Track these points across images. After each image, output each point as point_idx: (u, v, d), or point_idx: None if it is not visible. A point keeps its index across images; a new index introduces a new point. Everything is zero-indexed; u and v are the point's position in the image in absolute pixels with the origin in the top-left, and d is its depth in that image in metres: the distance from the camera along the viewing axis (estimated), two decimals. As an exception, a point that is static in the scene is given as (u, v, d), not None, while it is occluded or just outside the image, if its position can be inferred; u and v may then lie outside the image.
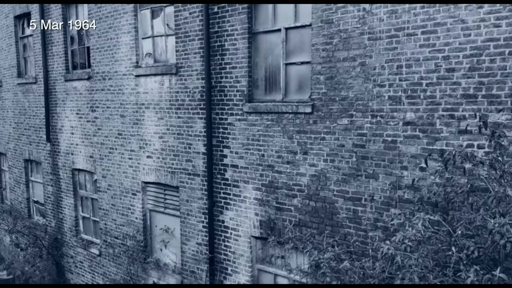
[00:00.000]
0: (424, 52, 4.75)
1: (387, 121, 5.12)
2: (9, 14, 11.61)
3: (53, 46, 10.08)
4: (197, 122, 7.25)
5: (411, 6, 4.79)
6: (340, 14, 5.39)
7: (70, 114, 9.89)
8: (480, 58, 4.40)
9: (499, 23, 4.26)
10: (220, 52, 6.78)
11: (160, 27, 7.90)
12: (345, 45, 5.39)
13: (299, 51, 6.08)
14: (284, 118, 6.10)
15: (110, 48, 8.63)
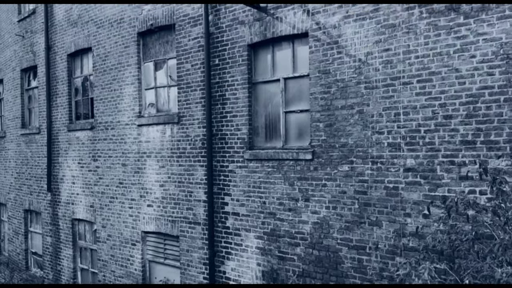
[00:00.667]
0: (421, 100, 4.85)
1: (387, 168, 5.13)
2: (16, 67, 11.98)
3: (58, 97, 10.31)
4: (198, 169, 7.27)
5: (405, 57, 4.96)
6: (337, 64, 5.56)
7: (72, 164, 9.93)
8: (476, 105, 4.48)
9: (492, 71, 4.38)
10: (221, 101, 6.92)
11: (163, 78, 8.12)
12: (342, 94, 5.52)
13: (298, 99, 6.21)
14: (285, 165, 6.12)
15: (113, 99, 8.83)
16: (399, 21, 5.00)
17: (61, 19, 10.16)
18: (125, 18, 8.51)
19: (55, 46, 10.37)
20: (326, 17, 5.65)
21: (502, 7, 4.31)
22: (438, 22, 4.71)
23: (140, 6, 8.16)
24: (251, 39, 6.53)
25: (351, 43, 5.42)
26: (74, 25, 9.79)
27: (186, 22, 7.41)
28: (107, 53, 8.93)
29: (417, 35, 4.85)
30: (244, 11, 6.60)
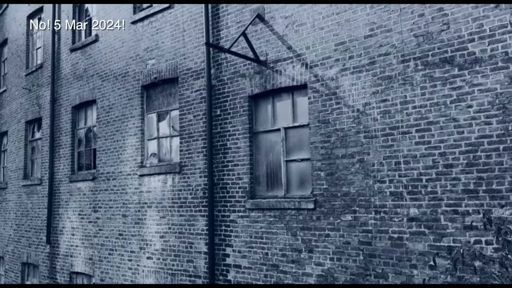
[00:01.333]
0: (421, 149, 4.88)
1: (391, 217, 5.07)
2: (21, 119, 12.20)
3: (61, 149, 10.41)
4: (199, 220, 7.18)
5: (403, 107, 5.05)
6: (336, 114, 5.66)
7: (72, 215, 9.84)
8: (476, 154, 4.51)
9: (489, 121, 4.45)
10: (223, 150, 6.98)
11: (165, 128, 8.24)
12: (342, 143, 5.57)
13: (298, 148, 6.26)
14: (287, 214, 6.06)
15: (116, 149, 8.91)
16: (395, 73, 5.15)
17: (67, 73, 10.48)
18: (129, 72, 8.78)
19: (60, 99, 10.62)
20: (324, 70, 5.83)
21: (494, 59, 4.45)
22: (433, 73, 4.85)
23: (145, 61, 8.44)
24: (251, 90, 6.69)
25: (349, 94, 5.54)
26: (79, 78, 10.08)
27: (189, 76, 7.63)
28: (111, 105, 9.12)
29: (414, 86, 4.98)
30: (245, 64, 6.81)
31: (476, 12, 4.61)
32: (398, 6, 5.19)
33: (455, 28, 4.74)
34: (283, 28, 6.37)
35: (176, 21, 7.93)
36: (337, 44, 5.74)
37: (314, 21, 6.00)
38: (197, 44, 7.53)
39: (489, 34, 4.50)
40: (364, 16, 5.49)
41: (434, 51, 4.86)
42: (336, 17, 5.78)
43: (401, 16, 5.15)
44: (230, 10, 7.12)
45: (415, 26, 5.04)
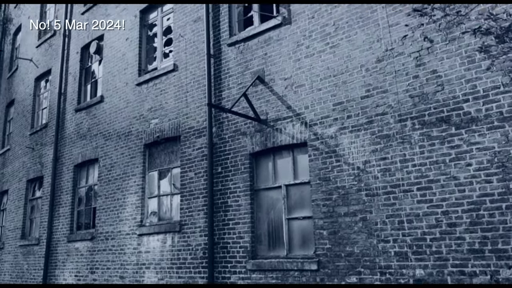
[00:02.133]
0: (423, 208, 4.85)
1: (396, 278, 4.92)
2: (23, 178, 12.23)
3: (60, 207, 10.33)
4: (198, 282, 6.96)
5: (403, 165, 5.09)
6: (336, 172, 5.68)
7: (68, 277, 9.55)
8: (479, 212, 4.47)
9: (490, 179, 4.46)
10: (223, 208, 6.92)
11: (166, 186, 8.23)
12: (344, 201, 5.54)
13: (300, 206, 6.21)
14: (289, 276, 5.88)
15: (116, 208, 8.84)
16: (393, 132, 5.25)
17: (71, 132, 10.66)
18: (133, 131, 8.94)
19: (63, 157, 10.72)
20: (323, 128, 5.94)
21: (490, 119, 4.56)
22: (431, 132, 4.94)
23: (148, 120, 8.63)
24: (252, 148, 6.77)
25: (349, 152, 5.61)
26: (83, 137, 10.24)
27: (191, 134, 7.76)
28: (113, 164, 9.18)
29: (412, 145, 5.05)
30: (246, 123, 6.95)
31: (468, 74, 4.79)
32: (393, 69, 5.40)
33: (450, 89, 4.89)
34: (283, 89, 6.58)
35: (179, 83, 8.21)
36: (335, 104, 5.90)
37: (312, 82, 6.21)
38: (199, 104, 7.74)
39: (483, 94, 4.64)
40: (360, 78, 5.70)
41: (430, 111, 4.99)
42: (333, 79, 5.99)
43: (396, 78, 5.34)
44: (231, 73, 7.39)
45: (410, 87, 5.22)
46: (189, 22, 8.32)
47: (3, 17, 16.44)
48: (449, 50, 4.98)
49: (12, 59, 15.51)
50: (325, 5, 6.27)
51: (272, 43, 6.87)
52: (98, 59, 10.69)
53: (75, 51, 11.33)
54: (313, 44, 6.33)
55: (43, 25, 13.40)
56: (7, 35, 16.23)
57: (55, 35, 12.39)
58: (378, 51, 5.59)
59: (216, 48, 7.72)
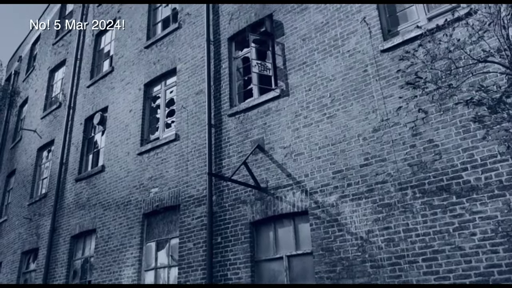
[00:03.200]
0: (430, 280, 4.68)
1: None
2: (17, 250, 11.91)
3: (55, 281, 9.94)
4: None
5: (406, 235, 5.00)
6: (339, 242, 5.56)
7: None
8: (487, 284, 4.31)
9: (496, 249, 4.36)
10: (223, 281, 6.67)
11: (164, 258, 7.99)
12: (348, 273, 5.36)
13: (302, 278, 5.99)
14: None
15: (111, 282, 8.50)
16: (394, 201, 5.22)
17: (70, 202, 10.58)
18: (132, 200, 8.89)
19: (60, 228, 10.53)
20: (324, 196, 5.92)
21: (490, 187, 4.56)
22: (432, 201, 4.91)
23: (148, 190, 8.61)
24: (253, 217, 6.69)
25: (351, 221, 5.53)
26: (82, 207, 10.15)
27: (191, 203, 7.71)
28: (111, 234, 9.00)
29: (414, 214, 5.00)
30: (246, 191, 6.93)
31: (465, 143, 4.87)
32: (390, 138, 5.51)
33: (447, 158, 4.95)
34: (282, 157, 6.66)
35: (180, 152, 8.31)
36: (334, 172, 5.93)
37: (311, 151, 6.30)
38: (199, 173, 7.77)
39: (481, 163, 4.69)
40: (358, 147, 5.79)
41: (430, 180, 5.01)
42: (331, 148, 6.08)
43: (393, 147, 5.43)
44: (232, 142, 7.52)
45: (408, 156, 5.28)
46: (191, 95, 8.62)
47: (11, 90, 17.06)
48: (444, 120, 5.11)
49: (16, 130, 15.84)
50: (321, 79, 6.55)
51: (271, 113, 7.06)
52: (101, 129, 10.92)
53: (79, 122, 11.61)
54: (310, 114, 6.51)
55: (47, 96, 13.89)
56: (13, 107, 16.74)
57: (60, 107, 12.77)
58: (374, 121, 5.74)
59: (217, 118, 7.93)
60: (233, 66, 8.25)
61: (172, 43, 9.57)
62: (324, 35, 6.77)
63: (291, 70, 7.03)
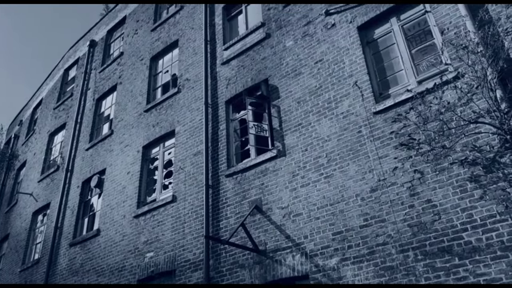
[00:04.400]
0: None
1: None
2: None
3: None
4: None
5: (411, 299, 4.82)
6: (342, 309, 5.34)
7: None
8: None
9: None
10: None
11: (159, 328, 7.61)
12: None
13: None
14: None
15: None
16: (396, 263, 5.09)
17: (63, 268, 10.24)
18: (126, 266, 8.62)
19: (51, 296, 10.10)
20: (324, 259, 5.77)
21: (492, 248, 4.47)
22: (435, 263, 4.79)
23: (143, 254, 8.39)
24: (251, 282, 6.46)
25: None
26: (75, 273, 9.81)
27: (187, 268, 7.48)
28: (104, 302, 8.63)
29: (417, 277, 4.85)
30: (244, 254, 6.77)
31: (463, 203, 4.85)
32: (388, 198, 5.49)
33: (447, 218, 4.91)
34: (281, 218, 6.58)
35: (177, 214, 8.22)
36: (334, 234, 5.83)
37: (310, 211, 6.24)
38: (196, 235, 7.63)
39: (481, 223, 4.64)
40: (357, 207, 5.75)
41: (431, 241, 4.92)
42: (330, 208, 6.03)
43: (392, 207, 5.40)
44: (229, 202, 7.46)
45: (407, 216, 5.23)
46: (189, 156, 8.69)
47: (10, 153, 17.17)
48: (440, 180, 5.13)
49: (12, 194, 15.72)
50: (317, 140, 6.65)
51: (269, 173, 7.09)
52: (98, 192, 10.85)
53: (76, 185, 11.57)
54: (308, 174, 6.53)
55: (46, 159, 13.95)
56: (11, 170, 16.75)
57: (58, 170, 12.78)
58: (371, 181, 5.75)
59: (214, 179, 7.93)
60: (231, 127, 8.41)
61: (171, 106, 9.82)
62: (318, 98, 6.99)
63: (287, 131, 7.17)
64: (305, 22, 7.90)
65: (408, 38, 6.53)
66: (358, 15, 7.14)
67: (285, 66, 7.81)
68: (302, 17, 8.02)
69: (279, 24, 8.38)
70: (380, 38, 6.87)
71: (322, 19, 7.64)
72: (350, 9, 7.30)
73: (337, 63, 7.00)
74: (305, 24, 7.89)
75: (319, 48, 7.41)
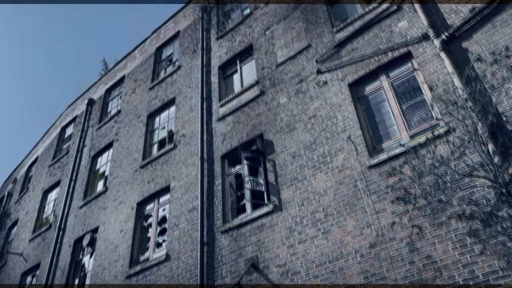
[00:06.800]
0: None
1: None
2: None
3: None
4: None
5: None
6: None
7: None
8: None
9: None
10: None
11: None
12: None
13: None
14: None
15: None
16: (399, 324, 4.87)
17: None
18: (117, 330, 8.17)
19: None
20: (325, 321, 5.51)
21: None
22: (440, 324, 4.59)
23: (135, 317, 7.99)
24: None
25: None
26: None
27: (181, 332, 7.10)
28: None
29: None
30: (241, 317, 6.46)
31: (464, 259, 4.74)
32: (387, 254, 5.36)
33: (448, 275, 4.76)
34: (278, 277, 6.36)
35: (171, 274, 7.94)
36: (334, 293, 5.62)
37: (308, 269, 6.05)
38: (191, 297, 7.32)
39: (484, 280, 4.50)
40: (356, 264, 5.59)
41: (434, 299, 4.74)
42: (329, 265, 5.86)
43: (392, 264, 5.25)
44: (225, 261, 7.24)
45: (408, 273, 5.08)
46: (184, 212, 8.57)
47: (2, 212, 16.85)
48: (439, 235, 5.05)
49: (2, 254, 15.22)
50: (313, 194, 6.62)
51: (265, 229, 6.96)
52: (90, 251, 10.54)
53: (67, 244, 11.25)
54: (305, 230, 6.42)
55: (38, 218, 13.67)
56: (2, 229, 16.35)
57: (50, 229, 12.49)
58: (370, 236, 5.65)
59: (209, 236, 7.76)
60: (226, 182, 8.37)
61: (167, 162, 9.83)
62: (313, 153, 7.04)
63: (283, 186, 7.14)
64: (298, 80, 8.15)
65: (398, 94, 6.72)
66: (348, 73, 7.40)
67: (279, 122, 7.95)
68: (295, 76, 8.29)
69: (273, 82, 8.64)
70: (371, 95, 7.07)
71: (314, 77, 7.90)
72: (340, 68, 7.58)
73: (330, 119, 7.14)
74: (298, 82, 8.14)
75: (312, 104, 7.59)
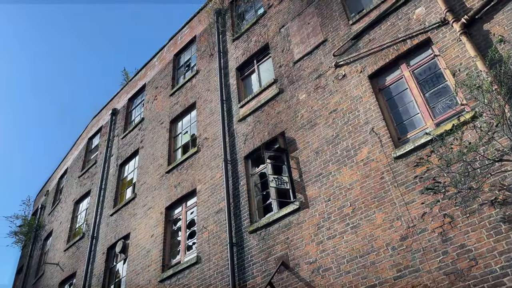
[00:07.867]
0: None
1: None
2: None
3: None
4: None
5: None
6: None
7: None
8: None
9: None
10: None
11: None
12: None
13: None
14: None
15: None
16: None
17: None
18: (154, 333, 8.33)
19: None
20: (359, 316, 5.45)
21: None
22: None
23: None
24: None
25: None
26: None
27: (216, 333, 7.17)
28: None
29: (462, 330, 4.52)
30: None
31: (499, 246, 4.60)
32: (420, 246, 5.26)
33: (484, 263, 4.64)
34: (309, 274, 6.34)
35: (203, 276, 8.02)
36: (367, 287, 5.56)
37: (339, 265, 6.01)
38: (224, 298, 7.38)
39: (522, 268, 4.37)
40: (388, 257, 5.51)
41: (471, 290, 4.63)
42: (360, 260, 5.80)
43: (425, 255, 5.15)
44: (255, 260, 7.27)
45: (442, 264, 4.97)
46: (211, 214, 8.65)
47: (37, 224, 17.42)
48: (472, 223, 4.92)
49: (39, 265, 15.74)
50: (339, 189, 6.56)
51: (293, 227, 6.94)
52: (123, 257, 10.77)
53: (101, 252, 11.54)
54: (333, 225, 6.37)
55: (71, 228, 14.06)
56: (38, 241, 16.90)
57: (83, 238, 12.84)
58: (400, 228, 5.56)
59: (238, 236, 7.80)
60: (251, 182, 8.40)
61: (191, 166, 9.94)
62: (336, 147, 6.99)
63: (308, 182, 7.11)
64: (316, 76, 8.10)
65: (420, 82, 6.59)
66: (367, 64, 7.30)
67: (300, 118, 7.92)
68: (313, 71, 8.24)
69: (291, 79, 8.62)
70: (392, 85, 6.96)
71: (332, 71, 7.83)
72: (359, 60, 7.49)
73: (352, 112, 7.06)
74: (316, 77, 8.09)
75: (332, 98, 7.53)
